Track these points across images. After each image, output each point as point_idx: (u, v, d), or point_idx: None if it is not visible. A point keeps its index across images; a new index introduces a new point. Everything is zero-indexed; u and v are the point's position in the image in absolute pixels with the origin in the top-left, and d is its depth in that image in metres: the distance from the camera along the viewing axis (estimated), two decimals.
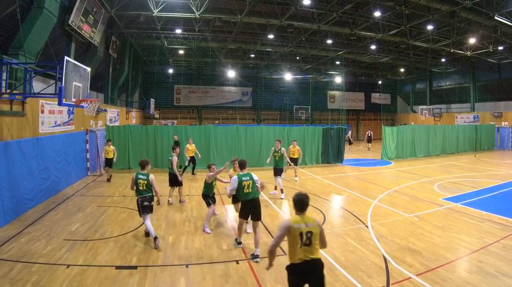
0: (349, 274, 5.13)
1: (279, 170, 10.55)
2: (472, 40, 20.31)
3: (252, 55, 27.69)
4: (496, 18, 15.64)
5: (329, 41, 21.85)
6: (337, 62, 28.96)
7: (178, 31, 20.10)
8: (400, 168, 16.12)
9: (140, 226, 7.16)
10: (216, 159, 14.40)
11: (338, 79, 33.01)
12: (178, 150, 9.86)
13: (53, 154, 10.06)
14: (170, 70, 30.65)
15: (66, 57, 7.81)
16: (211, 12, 16.54)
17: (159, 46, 23.99)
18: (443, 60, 27.02)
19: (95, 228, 7.22)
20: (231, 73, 30.04)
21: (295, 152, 12.37)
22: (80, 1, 12.59)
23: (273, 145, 11.14)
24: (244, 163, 6.25)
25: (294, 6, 15.77)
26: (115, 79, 21.00)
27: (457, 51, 22.79)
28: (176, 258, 5.77)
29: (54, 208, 8.72)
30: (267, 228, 7.26)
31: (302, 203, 3.59)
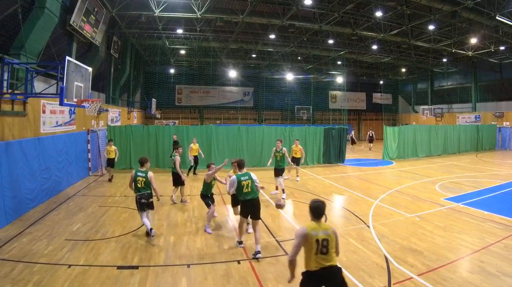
0: (351, 274, 5.12)
1: (280, 170, 10.48)
2: (474, 40, 20.26)
3: (254, 55, 27.69)
4: (498, 18, 15.60)
5: (331, 41, 21.82)
6: (339, 62, 28.92)
7: (180, 31, 20.11)
8: (402, 168, 16.09)
9: (142, 226, 7.16)
10: (218, 159, 14.38)
11: (340, 79, 32.99)
12: (181, 149, 9.88)
13: (55, 154, 10.08)
14: (172, 70, 30.67)
15: (68, 57, 7.79)
16: (213, 12, 16.54)
17: (161, 46, 24.00)
18: (445, 60, 26.99)
19: (97, 228, 7.23)
20: (233, 73, 30.04)
21: (298, 151, 12.34)
22: (82, 1, 12.60)
23: (275, 145, 11.11)
24: (243, 162, 6.25)
25: (296, 6, 15.75)
26: (117, 79, 21.00)
27: (459, 51, 22.74)
28: (178, 258, 5.77)
29: (56, 208, 8.74)
30: (269, 228, 7.25)
31: (319, 209, 3.53)
